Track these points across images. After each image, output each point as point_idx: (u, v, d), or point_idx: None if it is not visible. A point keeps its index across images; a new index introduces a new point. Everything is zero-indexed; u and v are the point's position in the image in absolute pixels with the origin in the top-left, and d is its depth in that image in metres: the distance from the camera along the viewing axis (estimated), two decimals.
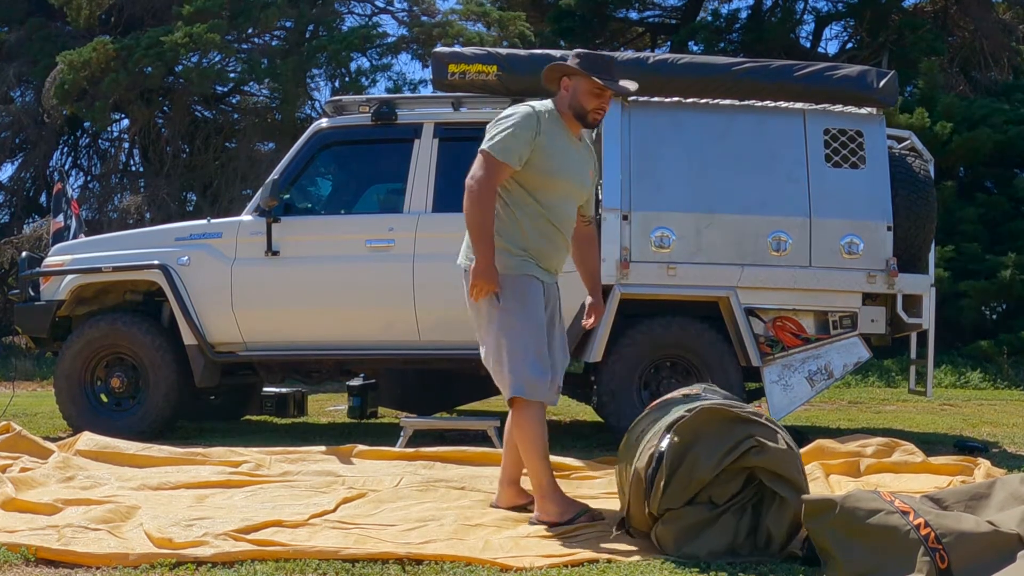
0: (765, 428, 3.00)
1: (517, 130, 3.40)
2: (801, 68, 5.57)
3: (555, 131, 3.47)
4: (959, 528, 2.53)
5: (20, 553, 2.88)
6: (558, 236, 3.54)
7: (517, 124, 3.41)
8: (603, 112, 3.51)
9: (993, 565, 2.48)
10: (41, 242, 13.89)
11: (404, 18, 17.10)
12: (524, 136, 3.40)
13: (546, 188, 3.45)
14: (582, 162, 3.57)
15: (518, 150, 3.39)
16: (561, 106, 3.51)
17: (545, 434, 3.45)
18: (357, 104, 6.04)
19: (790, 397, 5.38)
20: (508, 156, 3.38)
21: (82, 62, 13.65)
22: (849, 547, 2.62)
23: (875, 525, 2.60)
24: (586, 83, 3.46)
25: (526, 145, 3.39)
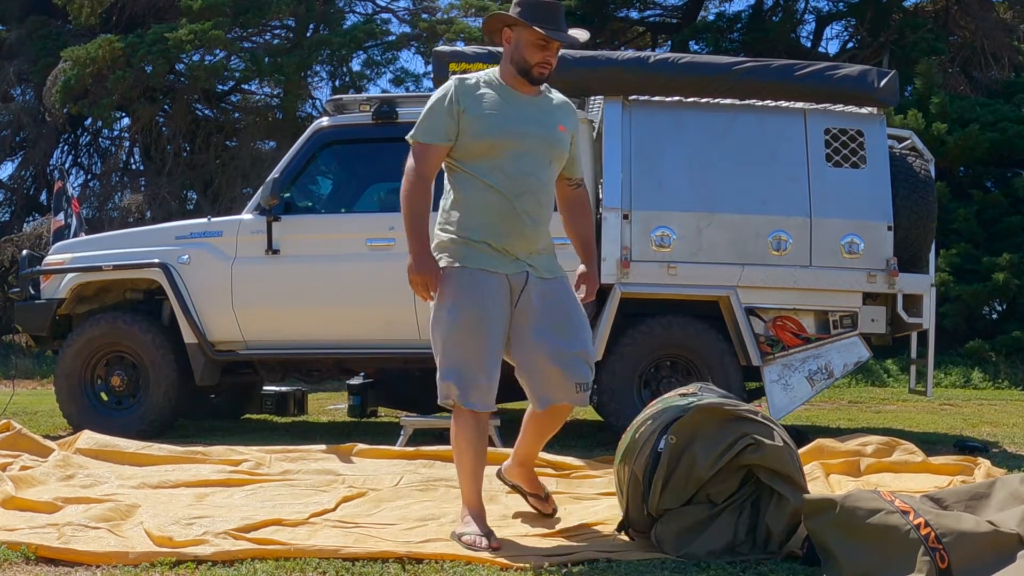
0: (761, 426, 3.00)
1: (433, 106, 3.19)
2: (802, 68, 5.56)
3: (483, 92, 3.17)
4: (959, 528, 2.53)
5: (20, 551, 2.88)
6: (511, 206, 3.14)
7: (433, 102, 3.21)
8: (549, 66, 3.17)
9: (993, 565, 2.47)
10: (41, 240, 13.89)
11: (405, 16, 17.11)
12: (441, 109, 3.16)
13: (484, 153, 3.14)
14: (538, 116, 3.21)
15: (440, 124, 3.15)
16: (504, 62, 3.22)
17: (476, 447, 3.17)
18: (358, 103, 6.04)
19: (790, 397, 5.38)
20: (430, 134, 3.16)
21: (88, 59, 13.65)
22: (849, 546, 2.62)
23: (875, 524, 2.60)
24: (528, 34, 3.13)
25: (448, 117, 3.14)
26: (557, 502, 3.62)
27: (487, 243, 3.17)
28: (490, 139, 3.14)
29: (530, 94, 3.22)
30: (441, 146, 3.17)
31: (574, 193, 3.42)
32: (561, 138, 3.24)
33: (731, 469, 2.95)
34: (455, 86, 3.18)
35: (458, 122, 3.15)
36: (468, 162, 3.18)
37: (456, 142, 3.18)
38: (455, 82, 3.20)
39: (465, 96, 3.16)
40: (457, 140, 3.17)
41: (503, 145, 3.14)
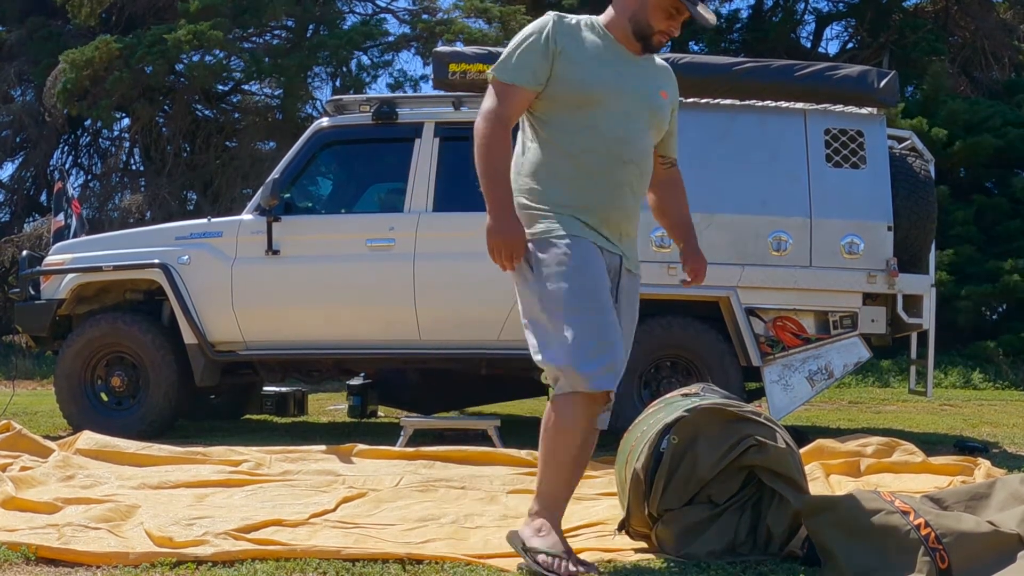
0: (764, 427, 3.00)
1: (526, 41, 2.70)
2: (802, 68, 5.56)
3: (586, 37, 2.74)
4: (959, 528, 2.53)
5: (20, 552, 2.88)
6: (612, 175, 2.71)
7: (525, 36, 2.72)
8: (668, 37, 2.80)
9: (993, 565, 2.47)
10: (42, 241, 13.90)
11: (405, 16, 17.12)
12: (536, 46, 2.68)
13: (580, 106, 2.68)
14: (641, 76, 2.79)
15: (531, 64, 2.67)
16: (619, 14, 2.77)
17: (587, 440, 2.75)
18: (358, 103, 6.05)
19: (790, 397, 5.38)
20: (519, 74, 2.68)
21: (85, 61, 13.66)
22: (849, 547, 2.62)
23: (876, 525, 2.59)
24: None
25: (542, 58, 2.67)
26: None
27: (586, 219, 2.71)
28: (590, 91, 2.69)
29: (638, 55, 2.80)
30: (528, 90, 2.69)
31: (668, 172, 3.03)
32: (663, 104, 2.84)
33: (733, 470, 2.95)
34: (554, 21, 2.72)
35: (552, 65, 2.69)
36: (559, 117, 2.71)
37: (546, 90, 2.71)
38: (554, 17, 2.74)
39: (564, 35, 2.72)
40: (547, 87, 2.70)
41: (604, 101, 2.70)
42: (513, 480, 4.10)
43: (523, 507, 3.58)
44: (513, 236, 2.62)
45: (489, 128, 2.66)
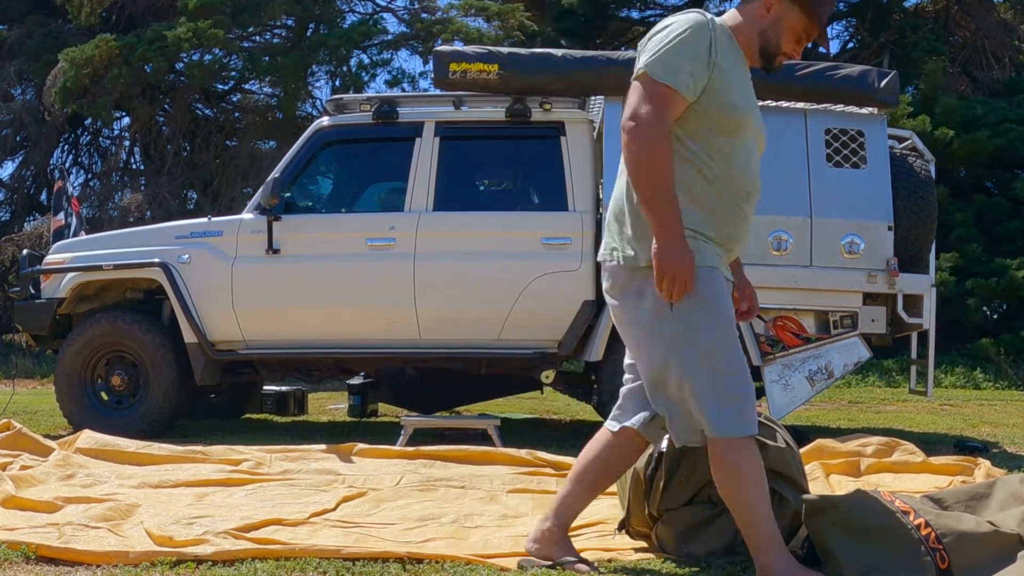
0: (764, 427, 3.00)
1: (686, 43, 2.38)
2: (802, 68, 5.56)
3: (732, 50, 2.51)
4: (959, 528, 2.53)
5: (20, 551, 2.88)
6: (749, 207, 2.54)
7: (683, 35, 2.39)
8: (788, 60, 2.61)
9: (993, 565, 2.48)
10: (42, 240, 13.89)
11: (404, 15, 17.11)
12: (698, 53, 2.39)
13: (731, 131, 2.44)
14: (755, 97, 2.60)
15: (691, 70, 2.38)
16: (749, 25, 2.54)
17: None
18: (358, 103, 6.05)
19: (790, 397, 5.38)
20: (679, 79, 2.36)
21: (84, 59, 13.66)
22: (849, 546, 2.62)
23: (876, 525, 2.60)
24: (802, 22, 2.50)
25: (704, 66, 2.39)
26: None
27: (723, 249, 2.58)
28: (741, 115, 2.48)
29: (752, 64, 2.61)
30: (685, 97, 2.40)
31: None
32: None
33: None
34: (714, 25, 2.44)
35: (710, 76, 2.42)
36: (704, 136, 2.45)
37: (697, 103, 2.43)
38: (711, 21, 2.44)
39: (721, 45, 2.45)
40: (699, 101, 2.42)
41: (747, 126, 2.50)
42: (513, 480, 4.10)
43: (523, 507, 3.59)
44: (686, 264, 2.34)
45: (655, 137, 2.33)
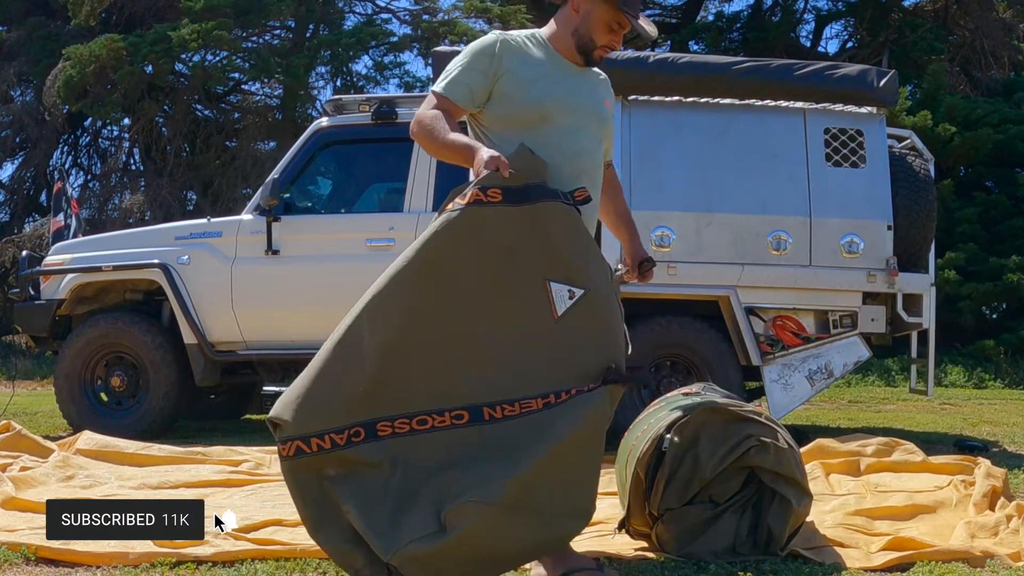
0: (765, 427, 3.00)
1: (468, 59, 2.74)
2: (801, 67, 5.56)
3: (532, 54, 2.78)
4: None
5: (20, 552, 2.88)
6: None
7: (470, 54, 2.75)
8: (609, 51, 2.83)
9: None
10: (41, 241, 13.89)
11: (406, 17, 17.12)
12: (478, 67, 2.72)
13: (535, 124, 2.71)
14: (587, 89, 2.84)
15: (468, 83, 2.72)
16: (562, 28, 2.81)
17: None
18: (357, 103, 6.05)
19: (790, 396, 5.38)
20: (456, 90, 2.72)
21: (91, 57, 13.66)
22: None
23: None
24: (605, 11, 2.73)
25: (482, 78, 2.71)
26: None
27: None
28: (541, 108, 2.73)
29: (583, 69, 2.85)
30: (459, 106, 2.75)
31: (608, 173, 3.02)
32: (608, 116, 2.92)
33: (734, 470, 2.95)
34: (500, 42, 2.75)
35: (492, 87, 2.73)
36: (514, 135, 2.72)
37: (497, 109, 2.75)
38: (499, 38, 2.77)
39: (510, 56, 2.74)
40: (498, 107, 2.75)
41: (555, 116, 2.74)
42: None
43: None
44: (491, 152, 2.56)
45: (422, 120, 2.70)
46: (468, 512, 2.35)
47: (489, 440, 2.47)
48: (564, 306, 2.57)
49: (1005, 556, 2.93)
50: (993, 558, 2.92)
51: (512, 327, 2.55)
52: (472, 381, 2.51)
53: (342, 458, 2.42)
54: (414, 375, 2.48)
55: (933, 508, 3.55)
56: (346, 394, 2.44)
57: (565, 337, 2.56)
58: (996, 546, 3.04)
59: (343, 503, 2.40)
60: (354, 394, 2.44)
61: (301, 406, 2.45)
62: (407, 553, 2.34)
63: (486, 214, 2.52)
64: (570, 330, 2.56)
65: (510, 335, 2.55)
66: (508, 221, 2.54)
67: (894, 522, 3.41)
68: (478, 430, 2.48)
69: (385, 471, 2.43)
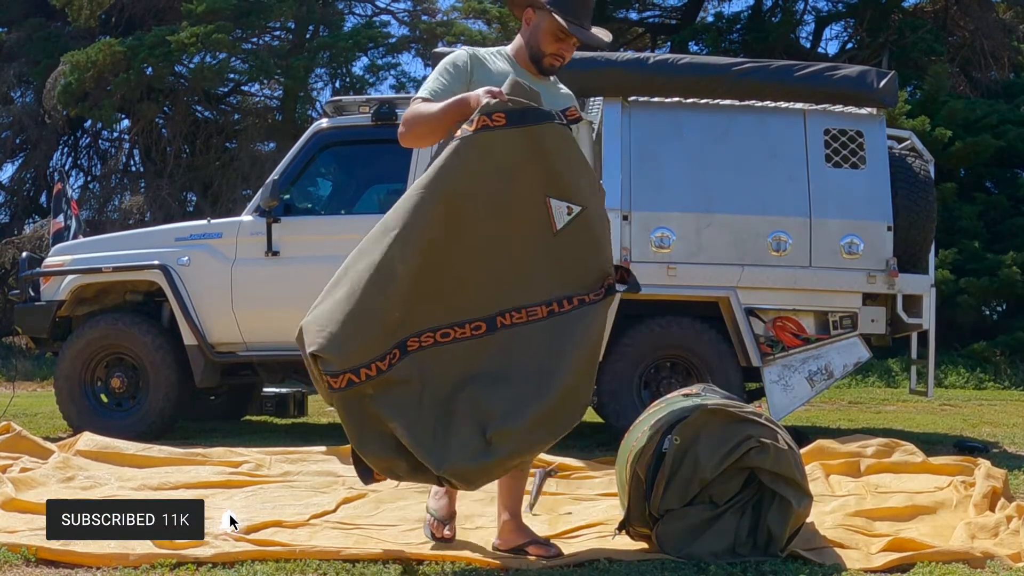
0: (765, 428, 3.00)
1: (444, 70, 2.97)
2: (801, 68, 5.57)
3: (496, 65, 3.00)
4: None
5: (20, 553, 2.88)
6: None
7: (444, 65, 2.98)
8: (561, 60, 3.01)
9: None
10: (42, 242, 13.90)
11: (405, 18, 17.14)
12: (455, 74, 2.95)
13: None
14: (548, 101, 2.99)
15: (449, 88, 2.92)
16: (521, 45, 3.05)
17: None
18: (357, 104, 6.05)
19: (790, 397, 5.38)
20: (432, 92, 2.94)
21: (88, 63, 13.67)
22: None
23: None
24: (549, 22, 2.94)
25: (459, 83, 2.92)
26: (557, 503, 3.61)
27: None
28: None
29: (544, 82, 3.05)
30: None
31: None
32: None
33: (734, 471, 2.95)
34: (468, 55, 3.00)
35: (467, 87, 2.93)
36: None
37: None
38: (468, 51, 3.02)
39: (478, 67, 2.99)
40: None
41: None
42: None
43: (523, 507, 3.58)
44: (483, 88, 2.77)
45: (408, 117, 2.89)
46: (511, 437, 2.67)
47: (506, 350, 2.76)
48: (563, 221, 2.86)
49: (1005, 557, 2.93)
50: (993, 559, 2.92)
51: (518, 241, 2.81)
52: (486, 294, 2.77)
53: (382, 379, 2.62)
54: (437, 294, 2.71)
55: (933, 509, 3.55)
56: (385, 321, 2.64)
57: (563, 250, 2.85)
58: (996, 547, 3.04)
59: (389, 420, 2.62)
60: (392, 320, 2.66)
61: (347, 339, 2.60)
62: (457, 469, 2.64)
63: (492, 139, 2.74)
64: (567, 243, 2.86)
65: (517, 249, 2.81)
66: (511, 143, 2.76)
67: (894, 523, 3.41)
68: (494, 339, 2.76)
69: (416, 386, 2.67)
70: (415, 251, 2.67)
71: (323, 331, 2.61)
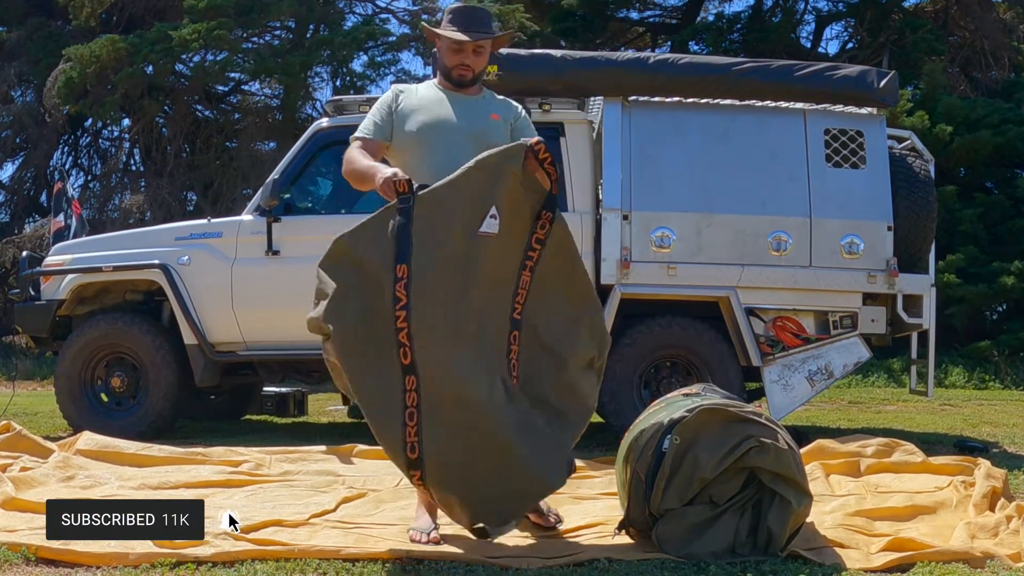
0: (765, 428, 3.00)
1: (374, 107, 3.42)
2: (801, 68, 5.57)
3: (420, 95, 3.41)
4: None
5: (20, 552, 2.88)
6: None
7: (375, 105, 3.42)
8: (469, 69, 3.37)
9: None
10: (42, 242, 13.89)
11: (405, 16, 17.13)
12: (381, 109, 3.38)
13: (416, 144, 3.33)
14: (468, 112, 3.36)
15: (375, 121, 3.35)
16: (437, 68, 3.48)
17: None
18: (357, 104, 6.04)
19: (790, 397, 5.39)
20: (364, 129, 3.35)
21: (92, 58, 13.65)
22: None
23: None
24: (442, 40, 3.39)
25: (386, 115, 3.36)
26: (557, 503, 3.61)
27: None
28: (414, 133, 3.31)
29: (468, 95, 3.39)
30: (374, 141, 3.34)
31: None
32: (493, 125, 3.37)
33: (734, 470, 2.95)
34: (398, 90, 3.44)
35: (393, 122, 3.34)
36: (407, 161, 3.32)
37: (395, 141, 3.36)
38: (400, 88, 3.46)
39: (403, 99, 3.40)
40: (395, 138, 3.35)
41: (428, 138, 3.30)
42: None
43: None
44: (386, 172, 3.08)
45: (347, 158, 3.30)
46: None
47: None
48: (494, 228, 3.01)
49: (1005, 557, 2.93)
50: (993, 559, 2.92)
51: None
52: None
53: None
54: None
55: (933, 509, 3.55)
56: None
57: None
58: (996, 547, 3.04)
59: None
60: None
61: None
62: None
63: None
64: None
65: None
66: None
67: (894, 523, 3.41)
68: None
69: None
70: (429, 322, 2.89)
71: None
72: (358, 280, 2.91)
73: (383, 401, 2.83)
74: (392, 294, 2.85)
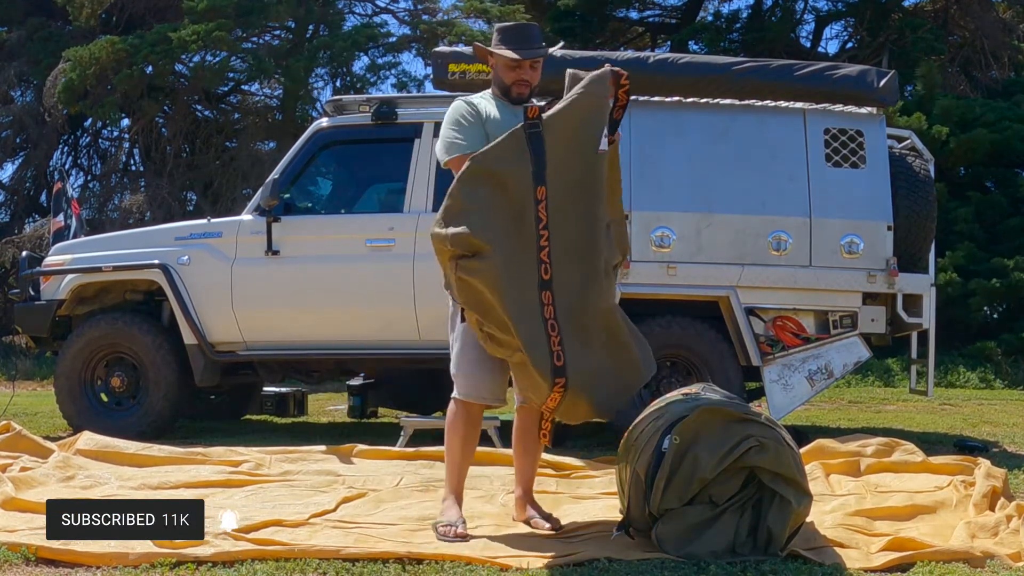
0: (765, 428, 3.00)
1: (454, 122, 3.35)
2: (801, 68, 5.56)
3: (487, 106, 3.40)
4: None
5: (20, 552, 2.88)
6: None
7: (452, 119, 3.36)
8: (527, 84, 3.40)
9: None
10: (42, 242, 13.88)
11: (405, 17, 17.13)
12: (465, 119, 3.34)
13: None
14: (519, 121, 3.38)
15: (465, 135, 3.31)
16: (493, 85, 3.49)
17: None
18: (357, 104, 6.05)
19: (790, 397, 5.38)
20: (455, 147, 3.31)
21: (91, 59, 13.65)
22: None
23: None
24: (498, 58, 3.41)
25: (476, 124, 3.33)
26: (557, 502, 3.62)
27: None
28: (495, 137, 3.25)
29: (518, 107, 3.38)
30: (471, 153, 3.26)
31: None
32: None
33: (734, 470, 2.95)
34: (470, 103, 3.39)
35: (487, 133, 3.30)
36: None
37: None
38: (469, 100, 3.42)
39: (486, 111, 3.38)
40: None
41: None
42: (513, 480, 4.10)
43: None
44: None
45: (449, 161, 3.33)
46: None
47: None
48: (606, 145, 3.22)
49: (1005, 556, 2.93)
50: (993, 558, 2.92)
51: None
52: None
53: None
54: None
55: (933, 508, 3.55)
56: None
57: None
58: (996, 546, 3.05)
59: None
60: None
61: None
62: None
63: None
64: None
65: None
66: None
67: (894, 522, 3.42)
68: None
69: None
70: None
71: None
72: (502, 199, 3.07)
73: (531, 315, 3.01)
74: (535, 214, 3.05)
